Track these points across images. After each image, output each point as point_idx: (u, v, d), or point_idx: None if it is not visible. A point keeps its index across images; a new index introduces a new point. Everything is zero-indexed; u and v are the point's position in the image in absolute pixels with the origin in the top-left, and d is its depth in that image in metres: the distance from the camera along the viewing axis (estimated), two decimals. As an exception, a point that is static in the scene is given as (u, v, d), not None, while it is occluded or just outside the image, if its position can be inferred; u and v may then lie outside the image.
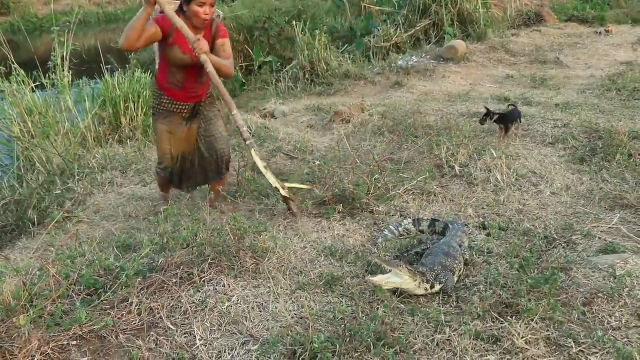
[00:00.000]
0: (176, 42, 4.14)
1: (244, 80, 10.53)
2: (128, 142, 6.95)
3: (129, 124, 7.15)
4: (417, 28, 11.37)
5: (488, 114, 5.53)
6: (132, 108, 7.12)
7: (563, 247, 3.58)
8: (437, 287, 3.10)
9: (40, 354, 2.64)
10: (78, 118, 7.14)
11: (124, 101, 7.11)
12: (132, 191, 5.36)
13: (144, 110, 7.22)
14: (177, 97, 4.35)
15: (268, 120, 7.32)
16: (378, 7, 12.44)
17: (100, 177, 5.69)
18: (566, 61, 10.06)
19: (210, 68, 3.99)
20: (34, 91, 6.85)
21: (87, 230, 4.54)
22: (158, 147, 4.59)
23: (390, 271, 2.99)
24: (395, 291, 3.10)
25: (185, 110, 4.42)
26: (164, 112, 4.41)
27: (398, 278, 3.00)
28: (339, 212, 4.14)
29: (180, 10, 4.14)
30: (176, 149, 4.55)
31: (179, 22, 3.96)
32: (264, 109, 7.90)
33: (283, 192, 4.09)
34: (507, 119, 5.54)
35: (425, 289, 3.08)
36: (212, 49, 4.25)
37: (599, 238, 3.66)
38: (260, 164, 4.12)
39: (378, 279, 2.98)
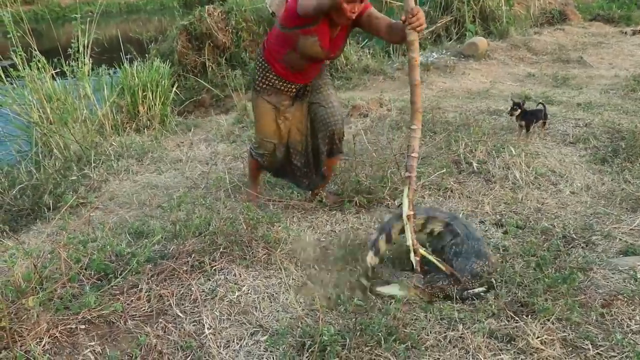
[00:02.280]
0: (317, 32, 3.54)
1: (262, 73, 10.48)
2: (145, 131, 6.95)
3: (147, 113, 7.13)
4: (439, 24, 11.26)
5: (517, 106, 5.43)
6: (150, 97, 7.10)
7: (582, 247, 3.50)
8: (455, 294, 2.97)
9: (48, 337, 2.63)
10: (97, 106, 7.14)
11: (143, 90, 7.09)
12: (147, 179, 5.34)
13: (162, 99, 7.21)
14: (288, 78, 3.83)
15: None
16: (399, 3, 12.33)
17: (117, 165, 5.69)
18: (590, 61, 9.90)
19: (414, 54, 3.13)
20: (54, 78, 6.86)
21: (101, 216, 4.53)
22: (258, 127, 4.02)
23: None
24: None
25: (293, 90, 3.90)
26: (269, 89, 3.89)
27: (404, 292, 2.94)
28: (355, 205, 4.10)
29: None
30: (281, 133, 4.03)
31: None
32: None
33: (412, 258, 3.11)
34: (528, 117, 5.44)
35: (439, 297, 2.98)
36: (361, 22, 3.60)
37: (620, 239, 3.58)
38: (405, 210, 3.12)
39: (384, 290, 2.93)
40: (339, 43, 3.71)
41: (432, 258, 3.08)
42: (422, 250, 3.11)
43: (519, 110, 5.43)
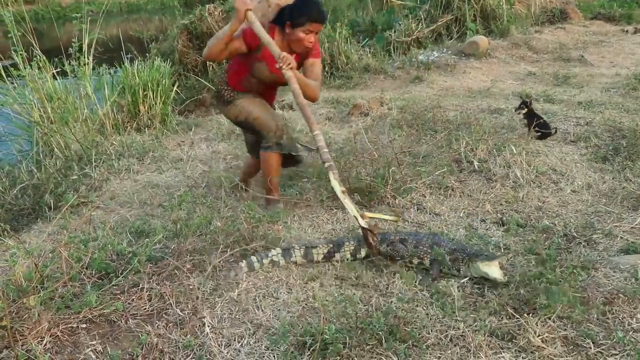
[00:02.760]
0: (264, 59, 3.98)
1: (263, 72, 10.47)
2: (146, 130, 6.95)
3: (148, 112, 7.13)
4: (439, 23, 11.27)
5: (524, 105, 5.42)
6: (151, 96, 7.10)
7: (583, 245, 3.49)
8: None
9: (50, 336, 2.64)
10: (97, 105, 7.14)
11: (143, 89, 7.08)
12: (148, 179, 5.35)
13: (163, 98, 7.20)
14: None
15: (286, 112, 7.28)
16: (400, 2, 12.35)
17: (117, 164, 5.70)
18: (591, 59, 9.89)
19: (295, 86, 3.71)
20: (55, 78, 6.86)
21: (102, 215, 4.53)
22: (263, 121, 4.14)
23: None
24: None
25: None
26: (240, 93, 4.21)
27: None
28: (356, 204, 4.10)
29: (279, 26, 3.99)
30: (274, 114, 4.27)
31: (266, 38, 3.78)
32: (282, 101, 7.86)
33: (362, 223, 3.36)
34: (534, 118, 5.42)
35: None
36: (300, 68, 4.04)
37: (621, 238, 3.58)
38: (338, 189, 3.50)
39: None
40: None
41: (377, 215, 3.64)
42: (367, 213, 3.51)
43: (526, 110, 5.41)
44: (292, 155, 4.32)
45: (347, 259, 3.42)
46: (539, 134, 5.31)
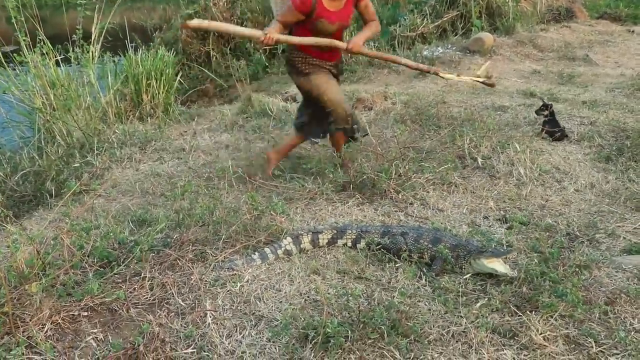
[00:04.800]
0: (322, 16, 4.26)
1: (267, 64, 10.45)
2: (148, 119, 6.93)
3: (150, 102, 7.11)
4: (445, 19, 11.20)
5: (545, 108, 5.42)
6: (154, 86, 7.08)
7: (586, 245, 3.48)
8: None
9: (51, 323, 2.64)
10: (100, 93, 7.11)
11: (147, 78, 7.06)
12: (150, 168, 5.33)
13: (166, 88, 7.18)
14: (323, 57, 4.47)
15: (289, 104, 7.26)
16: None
17: (119, 153, 5.69)
18: (596, 59, 9.85)
19: (371, 53, 4.97)
20: (58, 65, 6.83)
21: (104, 204, 4.53)
22: (333, 104, 4.44)
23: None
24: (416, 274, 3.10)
25: (331, 68, 4.58)
26: (314, 67, 4.49)
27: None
28: (358, 198, 4.10)
29: None
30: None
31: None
32: (286, 93, 7.85)
33: (481, 79, 4.76)
34: (554, 125, 5.43)
35: None
36: (357, 8, 4.52)
37: (624, 238, 3.57)
38: (452, 76, 4.77)
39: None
40: (347, 12, 4.39)
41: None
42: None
43: (547, 112, 5.41)
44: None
45: (348, 246, 3.48)
46: (558, 134, 5.33)
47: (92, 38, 7.02)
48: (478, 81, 4.78)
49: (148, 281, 2.96)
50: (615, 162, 4.86)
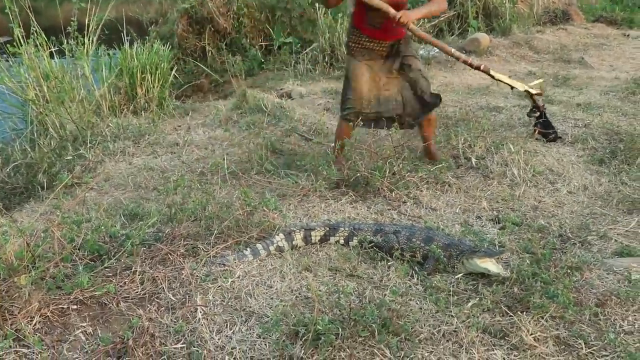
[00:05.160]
0: None
1: (262, 60, 10.42)
2: (143, 113, 6.89)
3: (145, 95, 7.06)
4: (441, 19, 11.18)
5: (537, 110, 5.42)
6: (149, 79, 7.03)
7: (578, 246, 3.49)
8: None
9: (40, 316, 2.62)
10: (94, 86, 7.07)
11: (141, 72, 7.01)
12: (143, 162, 5.31)
13: (161, 82, 7.14)
14: (376, 36, 4.42)
15: (284, 101, 7.24)
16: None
17: (113, 146, 5.66)
18: (591, 62, 9.86)
19: (421, 34, 4.63)
20: (52, 57, 6.79)
21: (96, 197, 4.50)
22: (352, 87, 4.53)
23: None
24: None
25: (384, 49, 4.51)
26: (363, 50, 4.50)
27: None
28: (352, 196, 4.10)
29: None
30: (372, 90, 4.54)
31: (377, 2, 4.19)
32: (281, 89, 7.83)
33: (532, 91, 4.95)
34: (547, 126, 5.44)
35: None
36: None
37: (615, 240, 3.58)
38: (502, 77, 4.91)
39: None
40: None
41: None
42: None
43: (538, 113, 5.41)
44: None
45: (341, 244, 3.47)
46: (552, 136, 5.35)
47: (88, 30, 6.98)
48: (529, 92, 5.05)
49: (139, 275, 2.95)
50: (608, 165, 4.88)
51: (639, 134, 5.21)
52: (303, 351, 2.41)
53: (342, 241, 3.47)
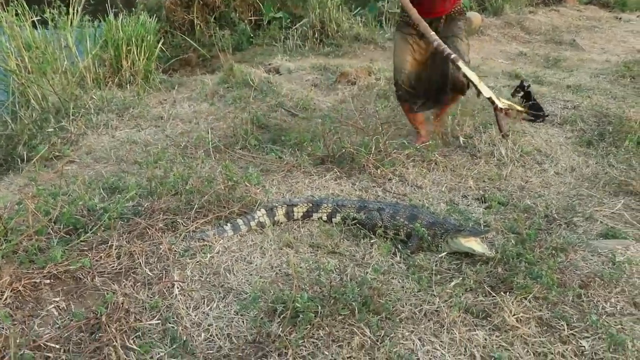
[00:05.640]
0: None
1: (251, 35, 10.27)
2: (128, 86, 6.77)
3: (130, 68, 6.93)
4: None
5: (522, 89, 5.37)
6: (135, 52, 6.89)
7: (563, 227, 3.45)
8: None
9: (10, 290, 2.54)
10: (78, 58, 6.92)
11: (127, 44, 6.87)
12: (126, 135, 5.21)
13: (147, 55, 7.00)
14: (420, 13, 4.31)
15: (272, 76, 7.14)
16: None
17: (96, 119, 5.55)
18: (582, 44, 9.82)
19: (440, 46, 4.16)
20: (34, 27, 6.63)
21: (77, 170, 4.41)
22: (395, 59, 4.61)
23: None
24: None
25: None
26: (403, 24, 4.56)
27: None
28: (337, 172, 4.03)
29: None
30: (412, 65, 4.55)
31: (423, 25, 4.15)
32: (269, 64, 7.72)
33: (499, 104, 3.93)
34: (538, 109, 5.40)
35: None
36: None
37: (601, 222, 3.54)
38: (473, 75, 3.94)
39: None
40: None
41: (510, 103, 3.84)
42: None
43: (522, 93, 5.36)
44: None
45: (323, 220, 3.41)
46: (532, 118, 5.29)
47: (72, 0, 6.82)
48: (493, 102, 4.15)
49: (115, 249, 2.87)
50: (596, 147, 4.84)
51: (627, 116, 5.17)
52: (281, 329, 2.36)
53: (325, 217, 3.41)
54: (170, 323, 2.45)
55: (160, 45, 7.64)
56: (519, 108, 3.78)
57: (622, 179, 4.18)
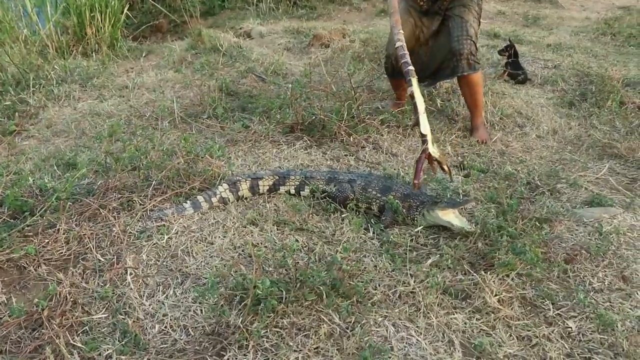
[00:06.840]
0: None
1: (223, -1, 9.91)
2: (93, 54, 6.43)
3: (95, 36, 6.58)
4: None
5: (509, 50, 5.16)
6: (99, 19, 6.54)
7: (547, 195, 3.26)
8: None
9: (-57, 283, 2.31)
10: (39, 25, 6.56)
11: (90, 10, 6.51)
12: (89, 106, 4.92)
13: (112, 21, 6.65)
14: None
15: (243, 40, 6.83)
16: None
17: (57, 90, 5.24)
18: (562, 1, 9.62)
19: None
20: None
21: (36, 145, 4.14)
22: (390, 35, 4.22)
23: None
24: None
25: (423, 4, 4.15)
26: (407, 2, 4.21)
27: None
28: (306, 140, 3.80)
29: None
30: (408, 40, 3.97)
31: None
32: (240, 28, 7.41)
33: (431, 150, 2.95)
34: (516, 67, 5.21)
35: None
36: None
37: (586, 189, 3.36)
38: (421, 103, 3.04)
39: None
40: None
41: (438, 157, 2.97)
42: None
43: (507, 54, 5.19)
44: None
45: (291, 194, 3.21)
46: (521, 77, 5.12)
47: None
48: (422, 134, 3.05)
49: (63, 234, 2.63)
50: (578, 108, 4.67)
51: (609, 75, 4.97)
52: (241, 319, 2.15)
53: (292, 191, 3.19)
54: (121, 315, 2.23)
55: (127, 11, 7.26)
56: (445, 168, 3.04)
57: (606, 141, 4.02)
